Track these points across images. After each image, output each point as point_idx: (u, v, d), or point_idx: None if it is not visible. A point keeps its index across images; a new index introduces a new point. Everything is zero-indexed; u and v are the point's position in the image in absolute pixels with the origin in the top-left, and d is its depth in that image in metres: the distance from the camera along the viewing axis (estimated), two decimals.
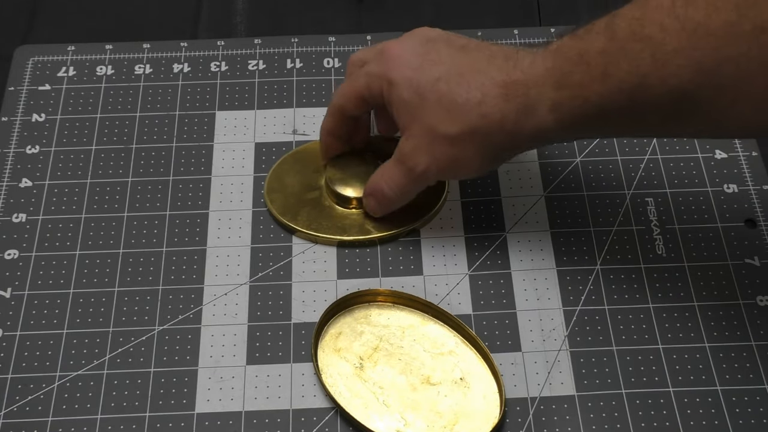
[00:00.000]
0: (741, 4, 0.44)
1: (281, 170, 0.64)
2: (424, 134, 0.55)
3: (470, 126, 0.53)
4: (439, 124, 0.54)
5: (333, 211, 0.62)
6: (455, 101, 0.53)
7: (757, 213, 0.62)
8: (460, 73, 0.54)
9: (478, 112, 0.53)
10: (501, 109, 0.52)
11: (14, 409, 0.55)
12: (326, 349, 0.57)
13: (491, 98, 0.53)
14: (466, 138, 0.54)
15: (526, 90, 0.52)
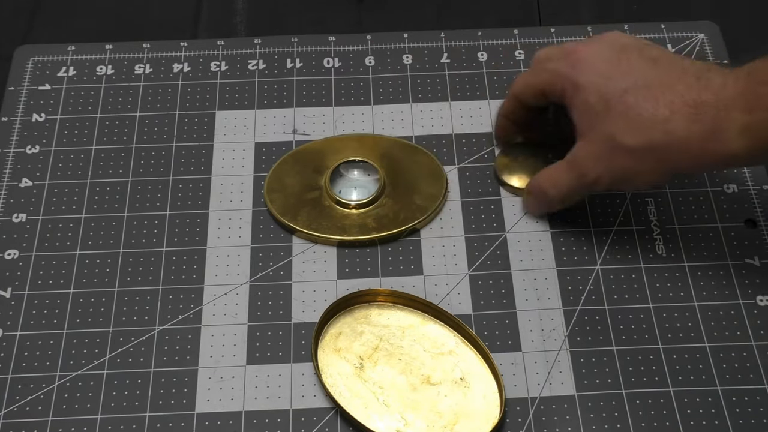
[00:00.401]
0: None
1: (281, 170, 0.64)
2: (602, 143, 0.54)
3: (653, 141, 0.52)
4: (621, 135, 0.53)
5: (333, 211, 0.62)
6: (641, 114, 0.53)
7: (757, 213, 0.62)
8: (649, 86, 0.53)
9: (664, 128, 0.52)
10: (687, 129, 0.51)
11: (14, 409, 0.55)
12: (326, 349, 0.57)
13: (679, 117, 0.52)
14: (646, 153, 0.53)
15: (716, 112, 0.51)
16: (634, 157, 0.53)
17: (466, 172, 0.64)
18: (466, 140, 0.66)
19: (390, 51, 0.71)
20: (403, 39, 0.71)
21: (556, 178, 0.58)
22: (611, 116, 0.54)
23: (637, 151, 0.53)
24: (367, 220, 0.61)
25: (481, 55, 0.70)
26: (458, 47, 0.71)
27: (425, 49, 0.71)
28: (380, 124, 0.67)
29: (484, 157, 0.65)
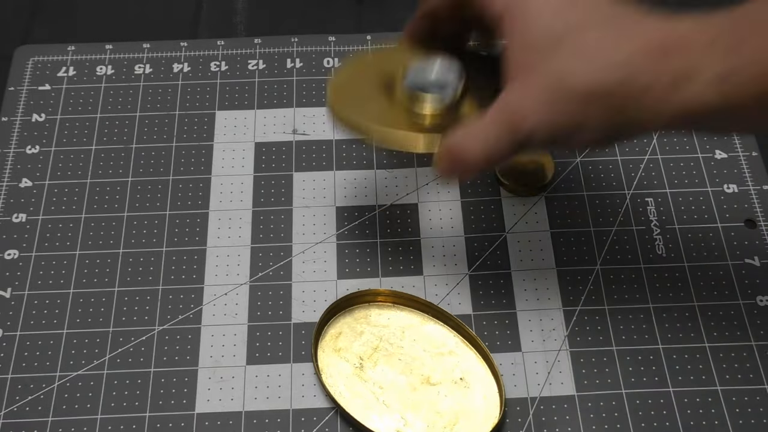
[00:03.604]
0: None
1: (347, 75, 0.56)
2: (544, 85, 0.45)
3: (608, 85, 0.44)
4: (570, 75, 0.44)
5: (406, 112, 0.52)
6: (597, 53, 0.44)
7: (757, 213, 0.62)
8: (611, 21, 0.45)
9: (623, 71, 0.43)
10: (651, 73, 0.43)
11: (14, 409, 0.55)
12: (326, 349, 0.57)
13: (641, 57, 0.43)
14: (597, 100, 0.44)
15: (686, 54, 0.42)
16: (582, 103, 0.44)
17: None
18: None
19: None
20: None
21: (479, 131, 0.47)
22: (560, 53, 0.44)
23: (587, 96, 0.44)
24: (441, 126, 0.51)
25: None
26: None
27: None
28: None
29: None
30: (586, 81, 0.44)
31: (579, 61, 0.44)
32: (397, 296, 0.58)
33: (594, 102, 0.44)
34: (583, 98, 0.44)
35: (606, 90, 0.44)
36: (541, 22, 0.45)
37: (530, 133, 0.46)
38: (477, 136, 0.47)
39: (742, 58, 0.41)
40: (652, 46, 0.43)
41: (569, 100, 0.45)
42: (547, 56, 0.45)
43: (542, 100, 0.45)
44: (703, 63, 0.42)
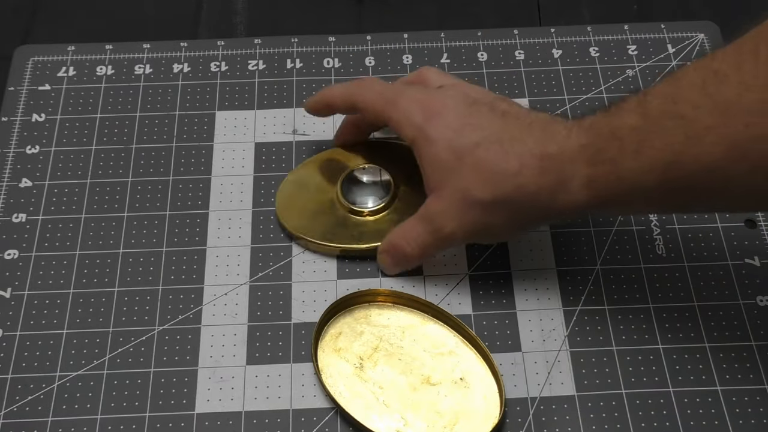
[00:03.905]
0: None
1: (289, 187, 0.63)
2: (455, 197, 0.54)
3: (505, 195, 0.53)
4: (474, 190, 0.53)
5: (348, 221, 0.61)
6: (492, 169, 0.53)
7: (757, 213, 0.62)
8: (500, 140, 0.53)
9: (514, 182, 0.52)
10: (537, 182, 0.52)
11: (14, 409, 0.55)
12: (326, 349, 0.57)
13: (528, 170, 0.52)
14: (498, 206, 0.53)
15: (561, 165, 0.51)
16: (487, 211, 0.54)
17: None
18: None
19: (390, 51, 0.71)
20: (403, 39, 0.71)
21: (413, 235, 0.57)
22: (463, 170, 0.54)
23: (490, 205, 0.53)
24: (383, 225, 0.61)
25: (481, 55, 0.70)
26: (458, 47, 0.71)
27: (425, 49, 0.71)
28: None
29: None
30: (486, 193, 0.53)
31: (477, 177, 0.53)
32: (397, 296, 0.58)
33: (496, 208, 0.53)
34: (487, 207, 0.54)
35: (502, 199, 0.53)
36: (443, 145, 0.54)
37: (451, 235, 0.55)
38: (411, 236, 0.57)
39: (600, 166, 0.50)
40: (535, 158, 0.52)
41: (475, 209, 0.54)
42: (453, 174, 0.54)
43: (454, 210, 0.55)
44: (573, 171, 0.51)
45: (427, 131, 0.55)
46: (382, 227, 0.60)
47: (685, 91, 0.47)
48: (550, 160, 0.52)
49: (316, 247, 0.60)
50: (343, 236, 0.60)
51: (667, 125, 0.47)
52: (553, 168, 0.52)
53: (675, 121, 0.47)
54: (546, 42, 0.71)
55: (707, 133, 0.45)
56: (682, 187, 0.48)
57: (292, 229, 0.61)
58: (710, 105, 0.45)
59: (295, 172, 0.64)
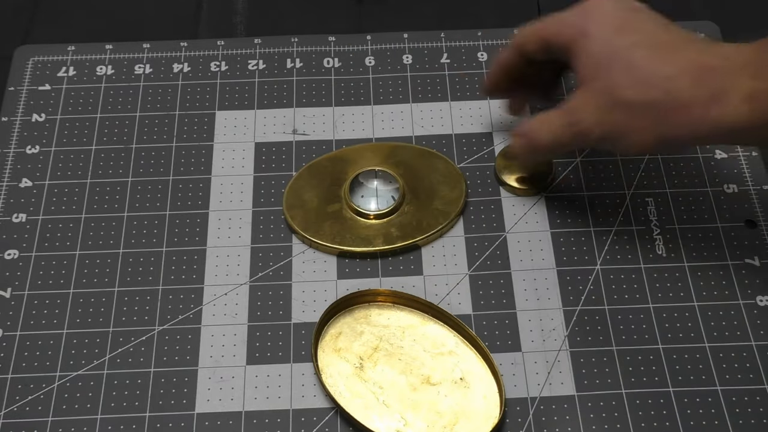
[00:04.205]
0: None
1: (298, 185, 0.63)
2: (601, 94, 0.53)
3: (652, 99, 0.51)
4: (621, 89, 0.52)
5: (355, 223, 0.61)
6: (645, 71, 0.51)
7: (757, 213, 0.62)
8: (658, 45, 0.52)
9: (666, 87, 0.51)
10: (690, 91, 0.50)
11: (14, 409, 0.55)
12: (326, 349, 0.57)
13: (683, 77, 0.50)
14: (643, 110, 0.51)
15: (722, 77, 0.49)
16: (630, 112, 0.52)
17: (466, 173, 0.64)
18: (466, 140, 0.66)
19: (390, 51, 0.71)
20: (403, 39, 0.71)
21: (549, 122, 0.56)
22: (615, 68, 0.52)
23: (635, 107, 0.52)
24: (390, 229, 0.61)
25: (481, 55, 0.70)
26: (458, 47, 0.71)
27: (425, 49, 0.71)
28: (380, 124, 0.67)
29: (484, 157, 0.65)
30: (633, 94, 0.52)
31: (626, 76, 0.52)
32: (397, 296, 0.58)
33: (640, 112, 0.52)
34: (630, 108, 0.52)
35: (649, 102, 0.51)
36: (599, 40, 0.54)
37: (586, 131, 0.54)
38: (546, 124, 0.56)
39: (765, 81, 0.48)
40: (693, 67, 0.50)
41: (617, 109, 0.52)
42: (602, 71, 0.53)
43: (596, 106, 0.53)
44: (734, 84, 0.49)
45: (586, 26, 0.54)
46: (389, 231, 0.61)
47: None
48: (711, 71, 0.50)
49: (323, 248, 0.61)
50: (350, 238, 0.60)
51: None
52: (712, 79, 0.50)
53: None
54: None
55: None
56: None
57: (298, 228, 0.61)
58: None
59: (303, 171, 0.64)
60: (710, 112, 0.50)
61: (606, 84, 0.53)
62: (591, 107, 0.54)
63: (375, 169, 0.63)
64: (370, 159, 0.64)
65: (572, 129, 0.55)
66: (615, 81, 0.52)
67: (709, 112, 0.50)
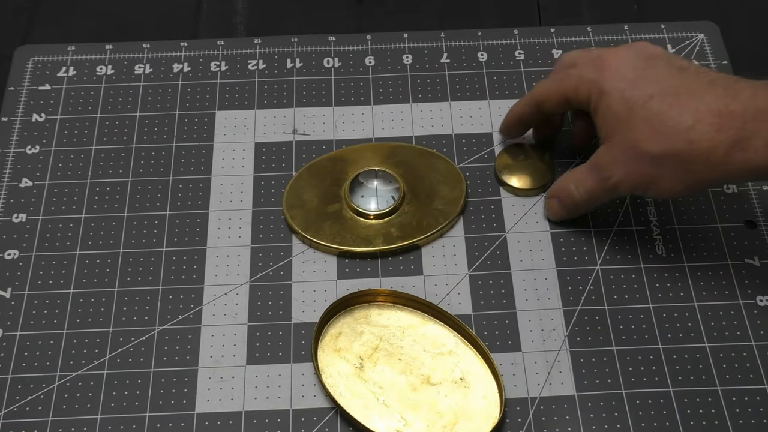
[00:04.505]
0: None
1: (298, 185, 0.63)
2: (624, 148, 0.54)
3: (674, 149, 0.52)
4: (643, 142, 0.53)
5: (355, 223, 0.61)
6: (664, 122, 0.52)
7: (757, 213, 0.62)
8: (676, 94, 0.53)
9: (686, 137, 0.52)
10: (711, 139, 0.51)
11: (14, 409, 0.55)
12: (326, 349, 0.57)
13: (703, 126, 0.51)
14: (667, 160, 0.53)
15: (743, 123, 0.50)
16: (655, 164, 0.53)
17: (466, 173, 0.64)
18: (466, 140, 0.66)
19: (390, 51, 0.71)
20: (403, 39, 0.71)
21: (581, 180, 0.58)
22: (635, 122, 0.54)
23: (659, 158, 0.53)
24: (391, 229, 0.61)
25: (481, 55, 0.70)
26: (458, 47, 0.71)
27: (425, 49, 0.71)
28: (380, 124, 0.67)
29: (484, 157, 0.65)
30: (655, 146, 0.53)
31: (648, 129, 0.53)
32: (397, 296, 0.58)
33: (663, 163, 0.53)
34: (654, 160, 0.53)
35: (672, 153, 0.52)
36: (616, 96, 0.55)
37: (616, 185, 0.56)
38: (580, 183, 0.58)
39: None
40: (713, 115, 0.51)
41: (643, 161, 0.54)
42: (623, 125, 0.54)
43: (622, 160, 0.55)
44: (756, 129, 0.50)
45: (601, 84, 0.56)
46: (389, 231, 0.61)
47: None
48: (731, 117, 0.51)
49: (323, 248, 0.61)
50: (350, 238, 0.60)
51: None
52: (733, 125, 0.50)
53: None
54: (546, 42, 0.71)
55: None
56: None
57: (298, 228, 0.61)
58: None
59: (303, 171, 0.64)
60: (733, 157, 0.51)
61: (628, 138, 0.54)
62: (617, 161, 0.55)
63: (375, 169, 0.63)
64: (370, 159, 0.64)
65: (604, 184, 0.56)
66: (636, 135, 0.54)
67: (731, 157, 0.51)
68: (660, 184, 0.54)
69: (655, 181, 0.54)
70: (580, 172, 0.58)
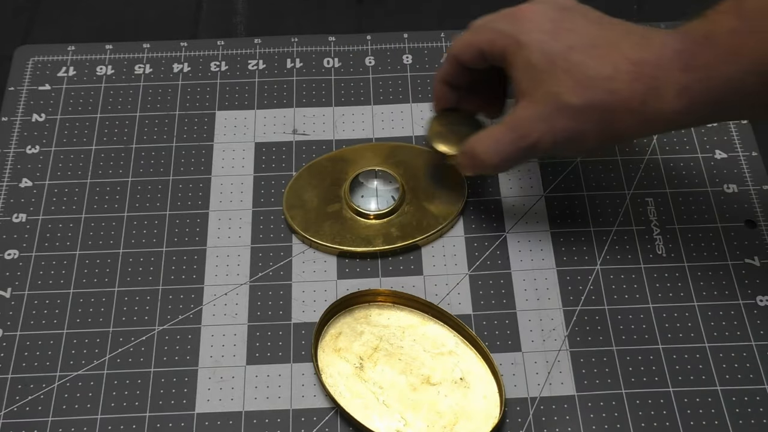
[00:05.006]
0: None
1: (298, 186, 0.63)
2: (545, 102, 0.52)
3: (597, 100, 0.51)
4: (565, 94, 0.51)
5: (355, 223, 0.61)
6: (585, 72, 0.51)
7: (757, 213, 0.62)
8: (594, 44, 0.52)
9: (607, 87, 0.51)
10: (629, 88, 0.50)
11: (14, 409, 0.55)
12: (326, 349, 0.57)
13: (622, 74, 0.50)
14: (589, 112, 0.51)
15: (655, 71, 0.50)
16: (578, 117, 0.52)
17: None
18: None
19: (390, 51, 0.71)
20: (403, 39, 0.71)
21: (496, 140, 0.55)
22: (555, 74, 0.52)
23: (582, 111, 0.51)
24: (391, 229, 0.61)
25: None
26: None
27: (425, 49, 0.71)
28: (380, 124, 0.67)
29: None
30: (578, 98, 0.51)
31: (570, 81, 0.52)
32: (397, 296, 0.58)
33: (587, 114, 0.52)
34: (578, 112, 0.52)
35: (595, 104, 0.51)
36: (535, 48, 0.53)
37: (536, 142, 0.53)
38: (493, 140, 0.55)
39: (694, 72, 0.49)
40: (629, 63, 0.51)
41: (566, 115, 0.52)
42: (544, 78, 0.52)
43: (544, 116, 0.53)
44: (667, 78, 0.50)
45: (518, 36, 0.53)
46: (389, 231, 0.61)
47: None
48: (645, 65, 0.50)
49: (323, 248, 0.61)
50: (350, 238, 0.60)
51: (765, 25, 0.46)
52: (647, 74, 0.50)
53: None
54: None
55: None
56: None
57: (298, 228, 0.61)
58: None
59: (303, 171, 0.64)
60: (649, 106, 0.50)
61: (549, 91, 0.52)
62: (537, 117, 0.53)
63: (375, 169, 0.63)
64: (370, 159, 0.64)
65: (521, 144, 0.54)
66: (558, 87, 0.52)
67: (648, 105, 0.50)
68: (581, 139, 0.53)
69: (577, 135, 0.53)
70: (494, 132, 0.55)
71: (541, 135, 0.53)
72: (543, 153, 0.55)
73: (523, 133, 0.54)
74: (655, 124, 0.52)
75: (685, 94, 0.49)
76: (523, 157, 0.55)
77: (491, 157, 0.55)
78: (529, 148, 0.54)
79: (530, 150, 0.54)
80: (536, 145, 0.54)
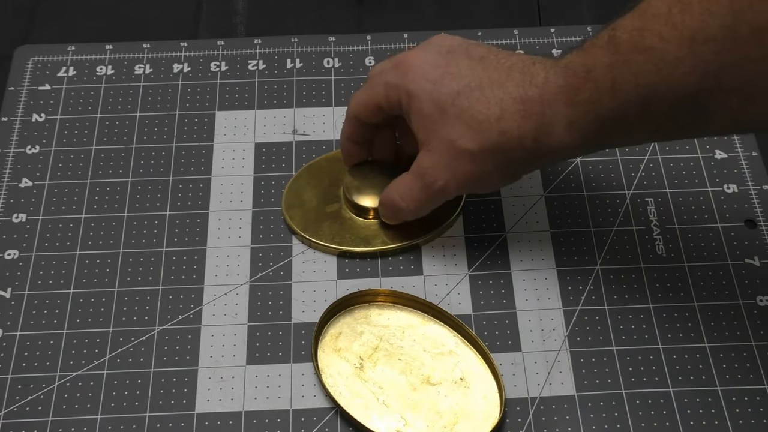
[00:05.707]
0: (736, 8, 0.43)
1: (297, 186, 0.63)
2: (444, 149, 0.54)
3: (490, 142, 0.52)
4: (459, 140, 0.53)
5: (354, 222, 0.61)
6: (475, 117, 0.52)
7: (757, 213, 0.62)
8: (480, 86, 0.53)
9: (498, 128, 0.52)
10: (519, 126, 0.51)
11: (14, 409, 0.55)
12: (326, 349, 0.57)
13: (510, 114, 0.52)
14: (486, 154, 0.53)
15: (541, 108, 0.51)
16: (476, 160, 0.53)
17: None
18: None
19: (390, 51, 0.71)
20: (403, 39, 0.71)
21: (406, 189, 0.57)
22: (448, 121, 0.53)
23: (479, 154, 0.53)
24: (390, 229, 0.61)
25: None
26: None
27: None
28: None
29: None
30: (472, 142, 0.53)
31: (462, 126, 0.53)
32: (397, 296, 0.58)
33: (484, 157, 0.53)
34: (474, 156, 0.53)
35: (489, 147, 0.53)
36: (424, 98, 0.54)
37: (443, 188, 0.55)
38: (404, 192, 0.57)
39: (579, 107, 0.50)
40: (516, 102, 0.52)
41: (464, 159, 0.53)
42: (437, 127, 0.54)
43: (444, 163, 0.54)
44: (554, 113, 0.51)
45: (407, 86, 0.55)
46: (389, 230, 0.61)
47: (650, 23, 0.46)
48: (531, 103, 0.51)
49: (323, 248, 0.61)
50: (349, 238, 0.60)
51: (638, 59, 0.47)
52: (535, 111, 0.51)
53: (645, 55, 0.46)
54: (546, 42, 0.71)
55: (678, 64, 0.45)
56: (663, 119, 0.48)
57: (297, 228, 0.61)
58: (676, 35, 0.45)
59: (302, 171, 0.64)
60: (541, 143, 0.52)
61: (445, 139, 0.54)
62: (439, 165, 0.54)
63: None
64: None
65: (429, 190, 0.55)
66: (452, 135, 0.53)
67: (540, 142, 0.52)
68: (485, 179, 0.54)
69: (480, 176, 0.54)
70: (404, 181, 0.57)
71: (446, 182, 0.55)
72: (453, 195, 0.56)
73: (429, 181, 0.55)
74: (550, 157, 0.53)
75: (574, 128, 0.50)
76: (436, 201, 0.57)
77: (408, 204, 0.57)
78: (438, 193, 0.55)
79: (440, 195, 0.56)
80: (444, 191, 0.55)
